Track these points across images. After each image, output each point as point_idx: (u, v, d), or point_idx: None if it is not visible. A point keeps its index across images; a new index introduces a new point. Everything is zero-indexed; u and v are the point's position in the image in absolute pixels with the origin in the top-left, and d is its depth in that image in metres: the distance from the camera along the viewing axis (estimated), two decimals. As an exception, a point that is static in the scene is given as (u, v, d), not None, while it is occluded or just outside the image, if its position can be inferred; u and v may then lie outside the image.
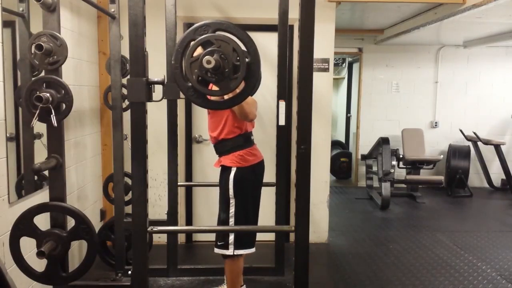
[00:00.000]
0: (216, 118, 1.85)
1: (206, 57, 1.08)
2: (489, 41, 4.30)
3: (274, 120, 2.34)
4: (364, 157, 4.73)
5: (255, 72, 1.16)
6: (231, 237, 1.82)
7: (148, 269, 1.41)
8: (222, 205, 1.89)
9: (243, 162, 1.83)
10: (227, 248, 1.83)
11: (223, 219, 1.86)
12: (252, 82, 1.18)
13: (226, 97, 1.25)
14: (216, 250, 1.87)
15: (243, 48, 1.17)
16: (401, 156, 4.37)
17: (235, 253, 1.83)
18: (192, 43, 1.16)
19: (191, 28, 1.18)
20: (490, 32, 4.03)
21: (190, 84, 1.17)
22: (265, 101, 2.88)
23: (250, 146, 1.88)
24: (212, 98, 1.24)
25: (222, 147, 1.87)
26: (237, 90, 1.20)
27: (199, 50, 1.16)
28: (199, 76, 1.14)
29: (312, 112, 1.27)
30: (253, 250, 1.90)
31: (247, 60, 1.15)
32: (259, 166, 1.91)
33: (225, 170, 1.86)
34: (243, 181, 1.83)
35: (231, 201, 1.83)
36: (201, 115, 2.98)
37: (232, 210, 1.83)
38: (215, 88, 1.18)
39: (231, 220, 1.83)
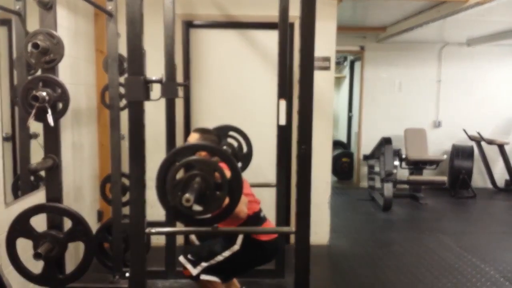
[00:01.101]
0: None
1: (186, 196, 1.11)
2: (493, 40, 4.26)
3: (274, 119, 2.31)
4: (366, 157, 4.70)
5: (237, 188, 1.20)
6: (206, 264, 1.69)
7: (146, 271, 1.39)
8: (221, 239, 1.76)
9: (260, 237, 1.76)
10: (194, 267, 1.69)
11: (214, 249, 1.74)
12: (236, 197, 1.22)
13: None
14: (182, 259, 1.72)
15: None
16: (403, 156, 4.34)
17: (200, 277, 1.69)
18: (174, 167, 1.19)
19: (173, 151, 1.25)
20: (494, 30, 4.00)
21: (173, 205, 1.19)
22: (265, 100, 2.86)
23: (262, 224, 1.83)
24: None
25: (234, 235, 1.78)
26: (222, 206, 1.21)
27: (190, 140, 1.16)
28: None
29: (313, 112, 1.25)
30: (218, 281, 1.72)
31: (228, 178, 1.19)
32: (274, 243, 1.80)
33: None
34: (254, 247, 1.74)
35: (234, 247, 1.72)
36: (200, 114, 2.95)
37: (227, 254, 1.72)
38: (198, 207, 1.20)
39: (219, 259, 1.70)
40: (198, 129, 1.85)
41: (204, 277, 1.69)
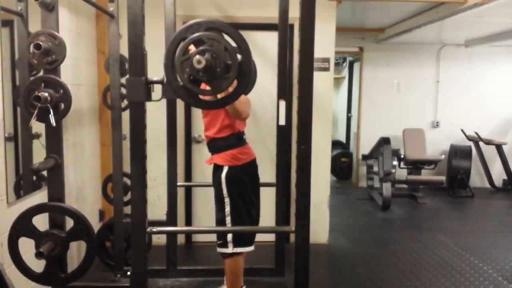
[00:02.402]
0: (209, 118, 1.87)
1: (197, 56, 1.07)
2: (491, 40, 4.29)
3: (274, 119, 2.33)
4: (365, 157, 4.72)
5: (247, 71, 1.15)
6: (229, 236, 1.83)
7: (147, 270, 1.40)
8: (217, 204, 1.89)
9: (235, 160, 1.84)
10: (226, 247, 1.84)
11: (219, 218, 1.87)
12: (245, 81, 1.17)
13: (218, 96, 1.24)
14: (219, 250, 1.88)
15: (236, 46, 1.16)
16: (402, 156, 4.36)
17: (234, 251, 1.84)
18: (183, 42, 1.15)
19: (182, 27, 1.18)
20: (492, 31, 4.02)
21: (181, 83, 1.16)
22: (265, 100, 2.87)
23: (242, 145, 1.89)
24: (205, 97, 1.24)
25: (214, 145, 1.89)
26: (230, 89, 1.19)
27: (192, 48, 1.15)
28: (191, 75, 1.13)
29: (313, 112, 1.26)
30: (252, 248, 1.91)
31: (239, 59, 1.14)
32: (251, 164, 1.92)
33: (217, 169, 1.88)
34: (236, 179, 1.84)
35: (225, 200, 1.84)
36: (200, 115, 2.96)
37: (227, 208, 1.83)
38: (207, 87, 1.17)
39: (228, 219, 1.83)
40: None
41: (237, 249, 1.84)
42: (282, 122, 2.24)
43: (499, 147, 4.52)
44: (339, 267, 2.64)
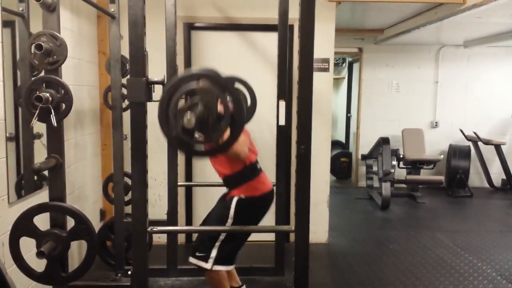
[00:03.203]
0: (216, 158, 1.80)
1: (188, 115, 1.09)
2: (490, 41, 4.30)
3: (274, 120, 2.34)
4: (364, 157, 4.73)
5: (239, 120, 1.17)
6: (214, 253, 1.72)
7: (148, 269, 1.41)
8: (216, 217, 1.82)
9: (254, 191, 1.79)
10: (205, 261, 1.73)
11: (212, 232, 1.78)
12: (237, 130, 1.19)
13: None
14: (192, 260, 1.76)
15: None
16: (401, 156, 4.37)
17: (213, 268, 1.73)
18: (177, 93, 1.16)
19: (175, 78, 1.20)
20: (491, 32, 4.03)
21: (175, 134, 1.16)
22: (265, 100, 2.88)
23: (258, 175, 1.83)
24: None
25: (229, 182, 1.82)
26: (224, 137, 1.19)
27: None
28: (184, 127, 1.14)
29: (312, 112, 1.27)
30: (232, 267, 1.82)
31: (231, 108, 1.16)
32: (268, 196, 1.84)
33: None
34: (248, 207, 1.77)
35: (228, 220, 1.75)
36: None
37: (225, 228, 1.75)
38: (200, 137, 1.18)
39: (221, 237, 1.73)
40: (206, 68, 1.86)
41: (216, 267, 1.73)
42: (282, 122, 2.25)
43: (498, 147, 4.53)
44: (338, 266, 2.65)
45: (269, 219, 2.53)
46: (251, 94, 2.22)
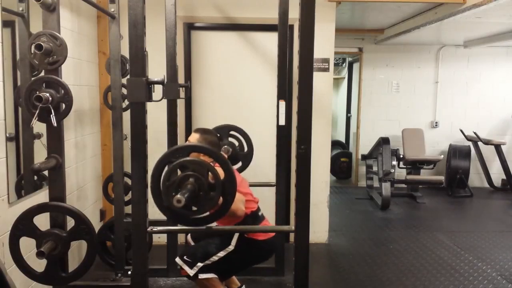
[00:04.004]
0: None
1: (177, 197, 1.12)
2: (490, 41, 4.30)
3: (274, 120, 2.34)
4: (364, 157, 4.73)
5: (230, 190, 1.21)
6: (201, 264, 1.70)
7: (148, 269, 1.41)
8: (216, 239, 1.79)
9: (258, 236, 1.79)
10: (191, 268, 1.70)
11: (208, 249, 1.75)
12: (229, 200, 1.23)
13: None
14: (178, 261, 1.74)
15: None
16: (401, 156, 4.37)
17: (198, 276, 1.70)
18: (166, 167, 1.20)
19: (166, 152, 1.25)
20: (491, 32, 4.03)
21: (167, 205, 1.20)
22: (265, 100, 2.88)
23: (260, 223, 1.85)
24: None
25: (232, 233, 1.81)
26: (216, 208, 1.23)
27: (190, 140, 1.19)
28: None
29: (312, 112, 1.27)
30: (216, 277, 1.75)
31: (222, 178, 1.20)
32: (271, 242, 1.83)
33: None
34: (249, 245, 1.77)
35: (228, 247, 1.75)
36: (201, 115, 2.98)
37: (222, 254, 1.74)
38: (193, 208, 1.21)
39: (214, 258, 1.72)
40: (199, 129, 1.87)
41: (202, 276, 1.71)
42: (282, 122, 2.25)
43: (498, 147, 4.53)
44: (338, 266, 2.65)
45: (269, 219, 2.53)
46: (247, 141, 2.24)
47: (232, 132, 2.25)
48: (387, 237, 3.19)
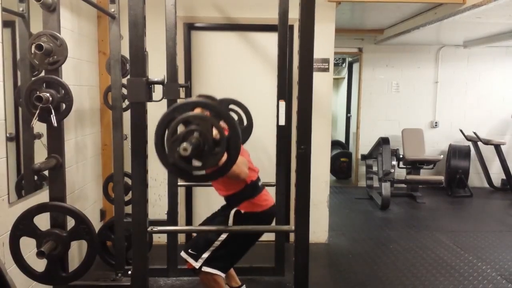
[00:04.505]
0: (216, 180, 1.79)
1: (183, 145, 1.11)
2: (489, 41, 4.30)
3: (274, 120, 2.34)
4: (364, 157, 4.73)
5: (235, 145, 1.19)
6: (207, 254, 1.72)
7: (148, 269, 1.41)
8: (215, 223, 1.82)
9: (254, 208, 1.79)
10: (195, 260, 1.72)
11: (209, 237, 1.76)
12: (233, 155, 1.21)
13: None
14: (183, 255, 1.76)
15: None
16: (401, 156, 4.37)
17: (202, 269, 1.72)
18: (172, 123, 1.18)
19: (170, 108, 1.22)
20: (490, 32, 4.03)
21: (172, 160, 1.18)
22: (265, 101, 2.88)
23: (260, 192, 1.83)
24: None
25: (231, 201, 1.83)
26: (220, 163, 1.21)
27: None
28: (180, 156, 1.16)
29: (312, 112, 1.27)
30: (223, 275, 1.77)
31: (226, 134, 1.18)
32: (269, 211, 1.84)
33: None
34: (247, 222, 1.76)
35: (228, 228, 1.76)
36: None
37: (224, 236, 1.74)
38: (197, 163, 1.20)
39: (217, 244, 1.73)
40: (201, 95, 1.90)
41: (205, 269, 1.71)
42: (282, 122, 2.26)
43: (497, 147, 4.54)
44: (338, 266, 2.65)
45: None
46: (247, 115, 2.24)
47: (231, 106, 2.22)
48: (387, 237, 3.19)
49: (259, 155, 2.48)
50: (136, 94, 1.29)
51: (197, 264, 1.72)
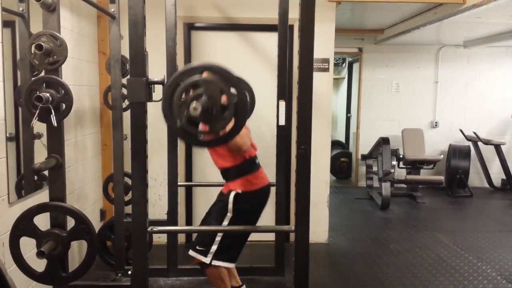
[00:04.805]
0: (216, 151, 1.82)
1: (193, 104, 1.11)
2: (489, 41, 4.30)
3: (274, 120, 2.34)
4: (364, 157, 4.73)
5: (243, 110, 1.19)
6: (214, 248, 1.74)
7: (148, 269, 1.41)
8: (215, 213, 1.83)
9: (249, 186, 1.80)
10: (205, 256, 1.75)
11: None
12: (241, 120, 1.20)
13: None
14: (192, 253, 1.78)
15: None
16: (401, 156, 4.37)
17: (212, 263, 1.74)
18: (180, 86, 1.17)
19: (178, 72, 1.22)
20: (490, 32, 4.03)
21: (180, 125, 1.18)
22: (265, 100, 2.88)
23: (256, 170, 1.84)
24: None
25: (228, 174, 1.83)
26: (227, 128, 1.21)
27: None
28: (189, 117, 1.16)
29: (312, 112, 1.27)
30: (233, 265, 1.83)
31: (235, 99, 1.17)
32: (264, 191, 1.86)
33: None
34: (246, 201, 1.78)
35: (227, 214, 1.77)
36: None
37: (225, 223, 1.77)
38: (205, 127, 1.20)
39: (221, 233, 1.76)
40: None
41: (216, 263, 1.74)
42: (282, 122, 2.26)
43: (497, 147, 4.54)
44: (338, 266, 2.65)
45: (269, 219, 2.54)
46: (249, 92, 2.23)
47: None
48: (387, 237, 3.19)
49: (259, 156, 2.48)
50: (136, 94, 1.29)
51: (207, 260, 1.75)
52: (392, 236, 3.22)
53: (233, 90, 1.17)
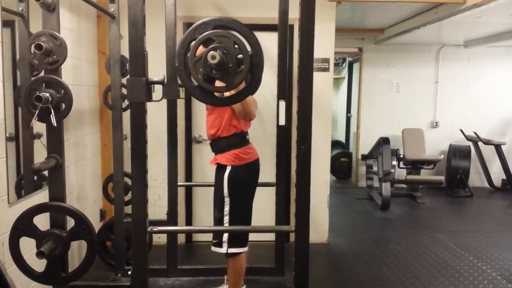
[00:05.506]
0: (214, 116, 1.86)
1: (211, 52, 1.08)
2: (490, 41, 4.30)
3: (274, 120, 2.34)
4: (364, 157, 4.73)
5: (259, 63, 1.16)
6: (225, 236, 1.84)
7: (148, 269, 1.41)
8: (216, 204, 1.90)
9: (238, 160, 1.85)
10: (220, 246, 1.85)
11: (218, 218, 1.88)
12: (257, 74, 1.18)
13: (229, 93, 1.25)
14: (213, 248, 1.89)
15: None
16: (401, 156, 4.37)
17: (228, 251, 1.85)
18: (193, 42, 1.16)
19: (190, 28, 1.19)
20: (491, 31, 4.03)
21: (196, 83, 1.17)
22: (266, 100, 2.88)
23: (246, 145, 1.90)
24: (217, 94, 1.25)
25: (217, 145, 1.89)
26: (241, 86, 1.20)
27: (200, 49, 1.16)
28: (205, 75, 1.15)
29: (312, 112, 1.27)
30: (246, 249, 1.91)
31: (249, 52, 1.15)
32: (254, 165, 1.93)
33: (220, 169, 1.88)
34: (238, 180, 1.84)
35: (225, 200, 1.84)
36: (201, 114, 2.97)
37: (227, 208, 1.84)
38: (221, 84, 1.18)
39: (226, 219, 1.84)
40: None
41: (231, 250, 1.84)
42: (282, 122, 2.25)
43: (498, 147, 4.53)
44: (338, 266, 2.65)
45: (269, 219, 2.54)
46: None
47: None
48: (387, 237, 3.19)
49: (259, 155, 2.48)
50: (136, 94, 1.29)
51: (223, 250, 1.84)
52: (392, 236, 3.22)
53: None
